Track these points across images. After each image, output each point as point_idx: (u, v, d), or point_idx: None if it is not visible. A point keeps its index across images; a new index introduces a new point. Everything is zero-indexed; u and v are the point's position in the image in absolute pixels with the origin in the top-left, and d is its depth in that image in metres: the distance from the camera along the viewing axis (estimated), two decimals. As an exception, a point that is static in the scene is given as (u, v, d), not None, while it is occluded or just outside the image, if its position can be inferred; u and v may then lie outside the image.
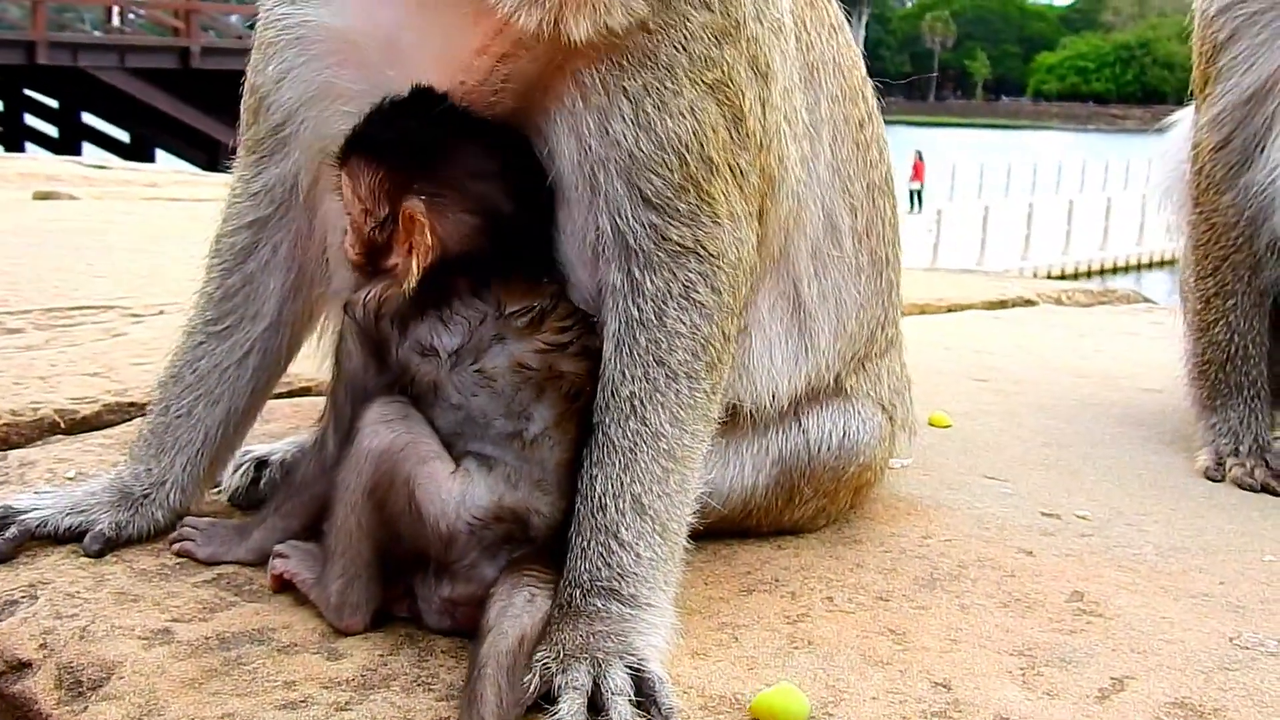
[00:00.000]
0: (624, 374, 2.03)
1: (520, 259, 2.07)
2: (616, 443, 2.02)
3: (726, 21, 2.06)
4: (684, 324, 2.05)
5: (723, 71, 2.07)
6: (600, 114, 2.02)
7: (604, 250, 2.06)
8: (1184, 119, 3.62)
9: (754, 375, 2.33)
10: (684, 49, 2.03)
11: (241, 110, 2.37)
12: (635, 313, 2.04)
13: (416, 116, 2.03)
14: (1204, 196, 3.33)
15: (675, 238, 2.04)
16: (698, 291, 2.06)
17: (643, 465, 2.02)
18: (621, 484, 2.01)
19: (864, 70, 2.58)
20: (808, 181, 2.32)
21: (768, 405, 2.36)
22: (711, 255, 2.06)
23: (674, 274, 2.05)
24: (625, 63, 2.02)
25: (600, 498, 2.01)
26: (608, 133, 2.02)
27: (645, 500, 2.02)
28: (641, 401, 2.03)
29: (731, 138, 2.08)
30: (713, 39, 2.06)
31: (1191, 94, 3.44)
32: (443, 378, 2.00)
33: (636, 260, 2.04)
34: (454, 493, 1.96)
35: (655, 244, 2.04)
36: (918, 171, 40.23)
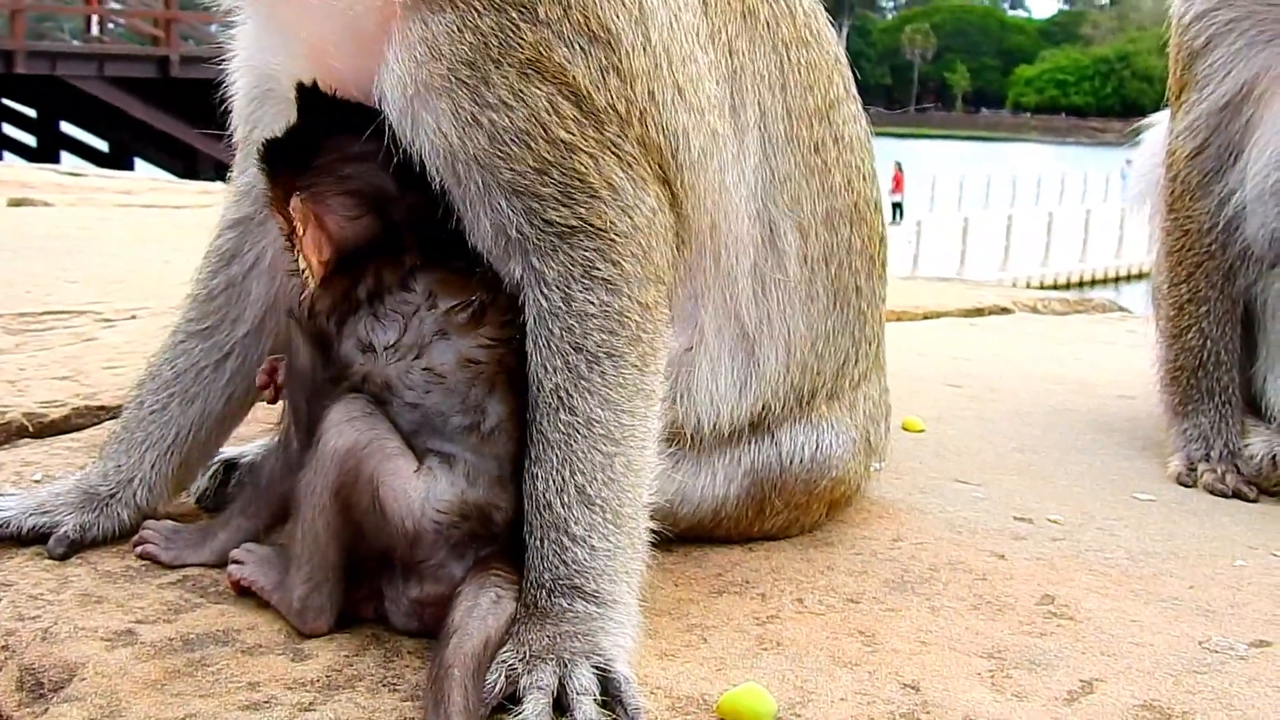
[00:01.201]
0: (545, 367, 1.99)
1: (441, 249, 2.04)
2: (550, 438, 1.98)
3: None
4: (592, 304, 1.99)
5: (531, 49, 1.95)
6: (434, 114, 1.97)
7: (496, 243, 2.01)
8: (1159, 123, 3.64)
9: (697, 399, 2.28)
10: (462, 34, 1.94)
11: None
12: (544, 302, 1.99)
13: (302, 115, 2.06)
14: (1178, 203, 3.35)
15: (556, 219, 1.98)
16: (598, 268, 1.99)
17: (581, 455, 1.97)
18: (563, 478, 1.97)
19: (836, 94, 2.46)
20: (725, 165, 2.20)
21: (708, 434, 2.31)
22: (600, 229, 1.99)
23: (570, 255, 1.98)
24: (417, 57, 1.97)
25: (544, 495, 1.97)
26: (440, 132, 1.97)
27: (590, 490, 1.97)
28: (567, 392, 1.98)
29: (581, 113, 1.97)
30: (502, 17, 1.94)
31: (1167, 101, 3.46)
32: (392, 376, 1.99)
33: (526, 248, 1.99)
34: (418, 490, 1.95)
35: (538, 229, 1.98)
36: (898, 183, 40.40)
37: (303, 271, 2.08)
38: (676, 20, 2.11)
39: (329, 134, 2.06)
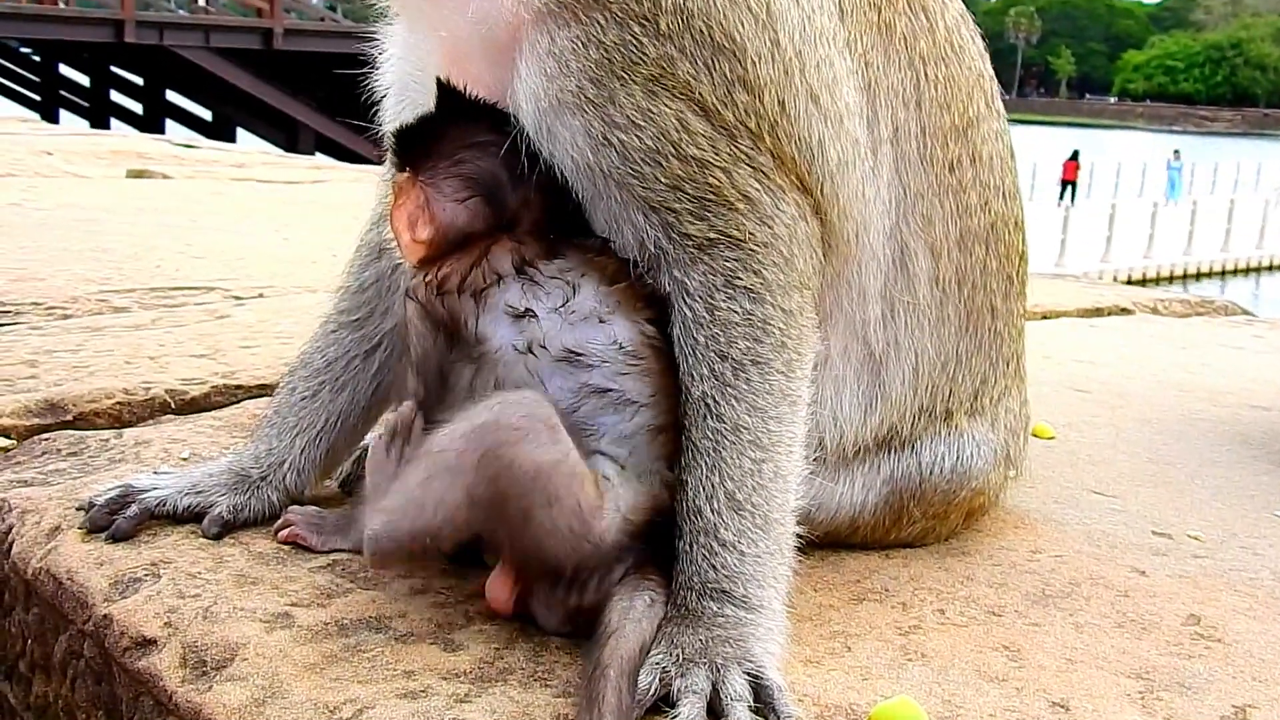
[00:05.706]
0: (692, 376, 2.00)
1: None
2: (699, 445, 2.00)
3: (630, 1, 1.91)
4: (736, 312, 1.99)
5: (654, 65, 1.92)
6: (569, 130, 1.97)
7: (641, 255, 2.01)
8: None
9: (820, 418, 2.24)
10: (587, 50, 1.92)
11: None
12: (688, 312, 2.00)
13: (439, 108, 2.08)
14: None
15: (694, 232, 1.97)
16: (739, 278, 1.98)
17: (730, 461, 1.99)
18: (712, 485, 1.98)
19: (976, 111, 2.36)
20: (866, 176, 2.15)
21: (830, 452, 2.29)
22: (739, 240, 1.98)
23: (711, 266, 1.98)
24: (547, 71, 1.96)
25: (694, 500, 1.99)
26: (576, 146, 1.97)
27: (739, 495, 1.99)
28: (714, 400, 1.99)
29: (712, 128, 1.95)
30: (625, 32, 1.91)
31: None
32: (573, 343, 1.95)
33: (668, 261, 1.99)
34: (606, 508, 1.92)
35: (676, 243, 1.98)
36: (1070, 169, 43.30)
37: (390, 243, 2.09)
38: (809, 21, 2.05)
39: (456, 123, 2.08)
